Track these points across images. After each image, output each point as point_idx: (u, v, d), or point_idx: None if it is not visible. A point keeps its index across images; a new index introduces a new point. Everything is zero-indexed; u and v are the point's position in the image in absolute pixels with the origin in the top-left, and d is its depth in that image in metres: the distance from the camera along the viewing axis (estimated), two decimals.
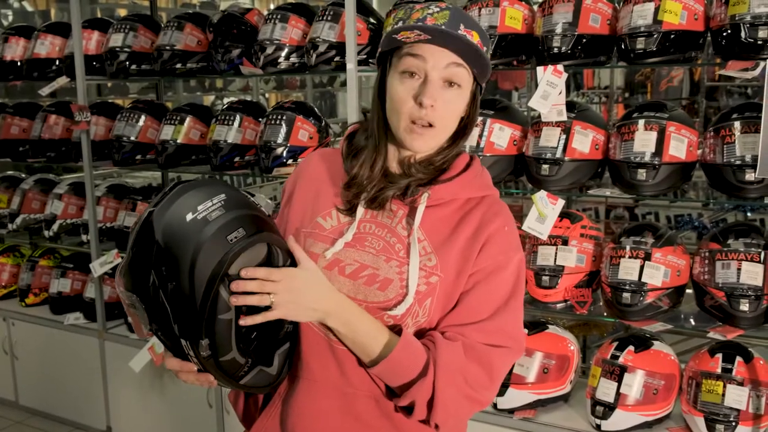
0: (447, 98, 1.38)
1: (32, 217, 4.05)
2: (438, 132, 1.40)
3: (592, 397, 2.49)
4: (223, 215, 1.25)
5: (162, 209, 1.26)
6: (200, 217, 1.24)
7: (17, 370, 4.12)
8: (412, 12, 1.38)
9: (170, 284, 1.23)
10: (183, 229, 1.23)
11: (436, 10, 1.37)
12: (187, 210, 1.25)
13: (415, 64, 1.37)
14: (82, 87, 3.62)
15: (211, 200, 1.27)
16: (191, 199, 1.26)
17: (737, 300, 2.28)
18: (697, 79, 8.26)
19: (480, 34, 1.38)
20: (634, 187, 2.42)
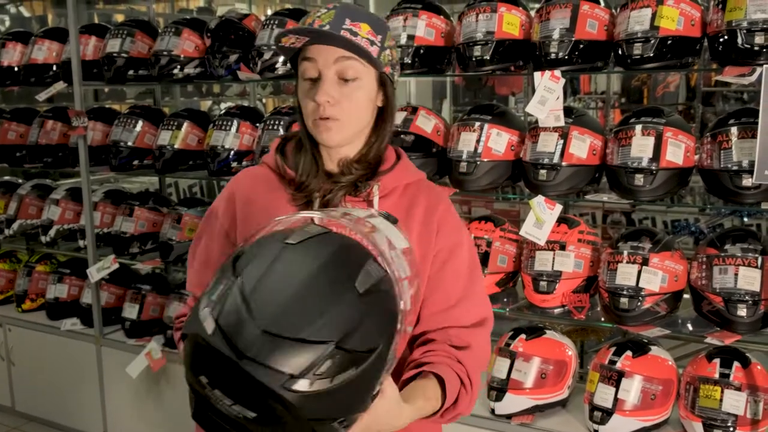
0: (345, 92, 1.44)
1: (29, 223, 4.04)
2: (345, 124, 1.46)
3: (590, 402, 2.49)
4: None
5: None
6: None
7: (14, 375, 4.10)
8: (306, 18, 1.46)
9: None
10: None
11: (324, 12, 1.44)
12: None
13: (309, 67, 1.45)
14: (79, 92, 3.62)
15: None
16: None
17: (735, 305, 2.28)
18: (693, 85, 8.28)
19: (371, 24, 1.45)
20: (631, 192, 2.43)
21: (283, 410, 0.99)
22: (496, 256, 2.74)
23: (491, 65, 2.65)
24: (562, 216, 2.64)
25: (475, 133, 2.68)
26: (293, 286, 1.03)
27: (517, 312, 2.79)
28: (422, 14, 2.76)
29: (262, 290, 1.02)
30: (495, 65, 2.65)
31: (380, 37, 1.45)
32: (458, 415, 1.47)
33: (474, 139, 2.68)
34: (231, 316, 1.00)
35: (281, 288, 1.03)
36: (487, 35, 2.61)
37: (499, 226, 2.81)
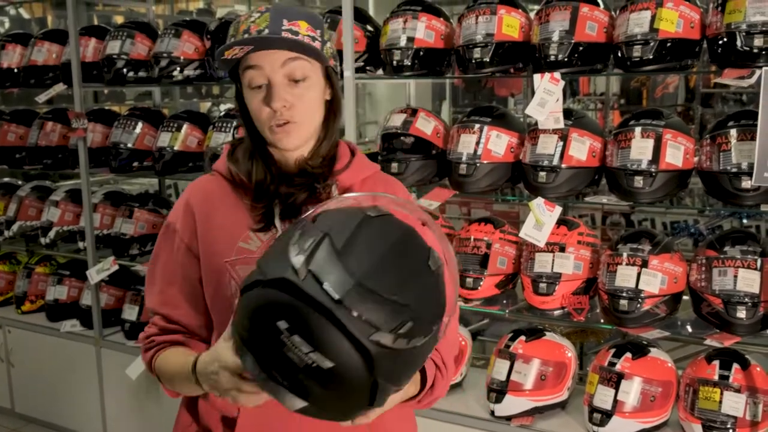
0: (298, 93, 1.43)
1: (29, 224, 4.04)
2: (302, 125, 1.46)
3: (589, 404, 2.49)
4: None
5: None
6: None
7: (13, 377, 4.10)
8: (238, 26, 1.43)
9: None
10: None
11: (257, 16, 1.42)
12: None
13: (255, 75, 1.42)
14: (79, 94, 3.62)
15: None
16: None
17: (734, 307, 2.29)
18: (692, 86, 8.29)
19: (309, 20, 1.43)
20: (631, 194, 2.43)
21: (359, 363, 1.03)
22: (496, 258, 2.75)
23: (491, 67, 2.65)
24: (562, 218, 2.64)
25: (474, 135, 2.69)
26: (383, 250, 1.09)
27: (516, 314, 2.79)
28: (422, 16, 2.77)
29: (353, 248, 1.07)
30: (494, 67, 2.65)
31: (319, 31, 1.44)
32: (436, 398, 1.52)
33: (474, 141, 2.68)
34: (325, 266, 1.04)
35: (372, 249, 1.08)
36: (487, 37, 2.61)
37: (499, 227, 2.81)
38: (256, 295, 1.08)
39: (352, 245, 1.07)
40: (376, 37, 2.94)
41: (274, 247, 1.15)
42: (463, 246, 2.79)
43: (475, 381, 2.90)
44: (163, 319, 1.55)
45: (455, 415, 2.74)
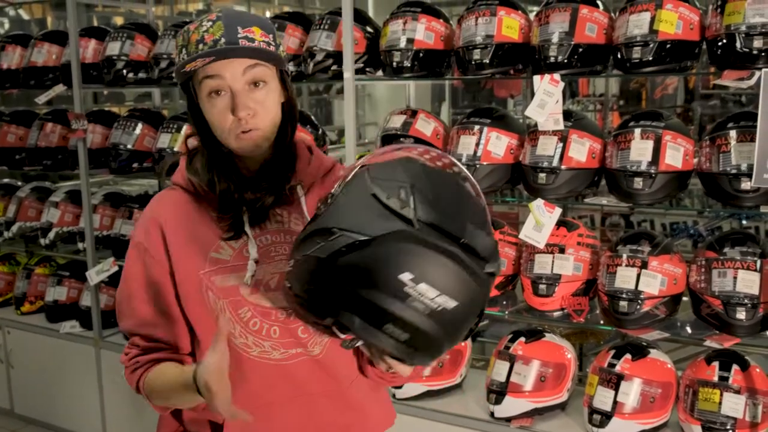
0: (258, 98, 1.43)
1: (28, 225, 4.04)
2: (266, 130, 1.46)
3: (589, 405, 2.49)
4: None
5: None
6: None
7: (13, 378, 4.10)
8: (189, 35, 1.42)
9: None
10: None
11: (209, 25, 1.41)
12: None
13: (215, 84, 1.42)
14: (79, 95, 3.62)
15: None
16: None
17: (734, 308, 2.29)
18: (691, 87, 8.30)
19: (260, 25, 1.43)
20: (630, 195, 2.43)
21: (479, 295, 1.13)
22: None
23: (491, 69, 2.65)
24: (562, 219, 2.64)
25: (474, 136, 2.69)
26: (458, 192, 1.17)
27: (516, 315, 2.80)
28: (422, 18, 2.77)
29: (440, 195, 1.13)
30: (494, 69, 2.65)
31: (271, 35, 1.44)
32: (410, 379, 1.63)
33: (473, 143, 2.68)
34: (431, 214, 1.10)
35: (452, 193, 1.16)
36: (487, 39, 2.61)
37: (499, 228, 2.82)
38: (367, 254, 1.08)
39: (437, 192, 1.13)
40: (376, 39, 2.94)
41: (343, 210, 1.15)
42: None
43: (475, 382, 2.91)
44: (143, 339, 1.53)
45: (455, 416, 2.75)
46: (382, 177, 1.14)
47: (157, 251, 1.52)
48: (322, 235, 1.13)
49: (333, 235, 1.11)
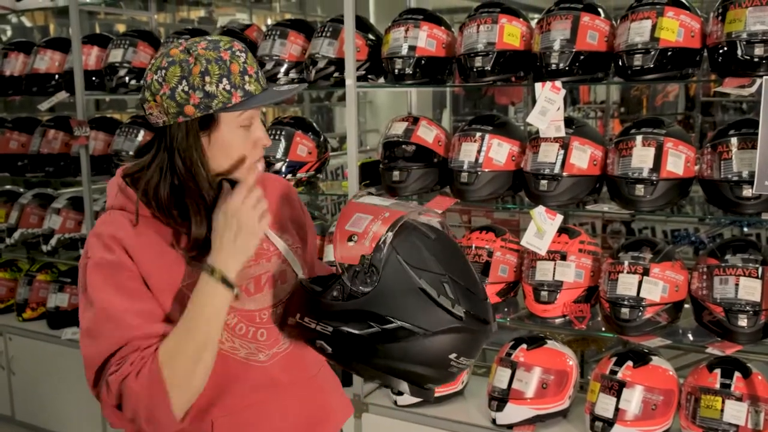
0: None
1: (30, 232, 4.04)
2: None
3: (591, 412, 2.49)
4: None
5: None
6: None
7: (14, 385, 4.10)
8: (228, 64, 1.42)
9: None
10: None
11: (243, 55, 1.46)
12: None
13: (253, 116, 1.49)
14: (82, 102, 3.63)
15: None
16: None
17: (735, 315, 2.29)
18: (692, 95, 8.31)
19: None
20: (632, 202, 2.43)
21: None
22: (497, 266, 2.75)
23: (492, 76, 2.66)
24: (563, 226, 2.65)
25: (476, 143, 2.69)
26: (472, 271, 1.47)
27: (517, 322, 2.80)
28: (423, 25, 2.78)
29: (469, 281, 1.42)
30: (496, 76, 2.66)
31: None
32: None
33: (475, 150, 2.69)
34: (468, 304, 1.39)
35: (471, 275, 1.46)
36: (488, 46, 2.62)
37: (500, 236, 2.82)
38: (423, 344, 1.35)
39: (464, 277, 1.40)
40: (378, 46, 2.95)
41: (392, 298, 1.35)
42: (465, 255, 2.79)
43: (477, 389, 2.90)
44: (141, 339, 1.40)
45: (456, 423, 2.74)
46: (417, 265, 1.36)
47: (127, 263, 1.44)
48: (375, 319, 1.34)
49: (390, 323, 1.33)
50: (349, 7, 2.78)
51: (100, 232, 1.47)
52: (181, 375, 1.37)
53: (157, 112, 1.43)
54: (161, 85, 1.41)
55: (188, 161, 1.44)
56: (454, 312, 1.35)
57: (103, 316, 1.40)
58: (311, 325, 1.40)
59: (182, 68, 1.40)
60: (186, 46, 1.43)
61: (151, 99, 1.43)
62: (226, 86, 1.41)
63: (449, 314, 1.35)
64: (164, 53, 1.44)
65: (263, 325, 1.55)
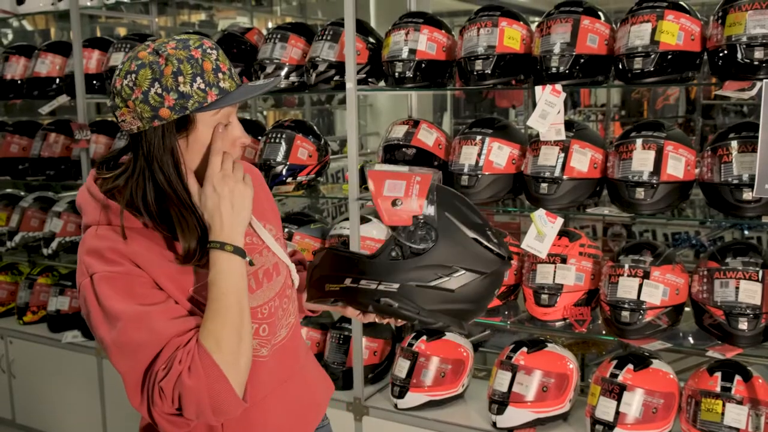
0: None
1: (31, 235, 4.05)
2: None
3: (591, 415, 2.48)
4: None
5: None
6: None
7: (15, 388, 4.10)
8: (200, 62, 1.38)
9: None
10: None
11: (215, 53, 1.41)
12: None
13: (230, 113, 1.47)
14: (82, 105, 3.64)
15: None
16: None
17: (736, 318, 2.29)
18: (693, 98, 8.31)
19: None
20: (632, 205, 2.44)
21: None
22: None
23: (492, 79, 2.66)
24: (564, 229, 2.65)
25: (476, 146, 2.69)
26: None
27: (518, 325, 2.80)
28: (424, 28, 2.78)
29: (491, 226, 1.57)
30: (496, 79, 2.66)
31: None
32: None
33: (475, 153, 2.69)
34: (502, 249, 1.55)
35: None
36: (489, 49, 2.62)
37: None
38: (483, 283, 1.52)
39: (489, 225, 1.55)
40: (378, 49, 2.95)
41: (454, 250, 1.49)
42: None
43: (477, 392, 2.90)
44: (178, 337, 1.38)
45: (457, 426, 2.74)
46: (462, 219, 1.51)
47: (136, 271, 1.41)
48: (441, 270, 1.48)
49: (457, 271, 1.48)
50: (350, 11, 2.79)
51: (95, 247, 1.41)
52: (230, 354, 1.36)
53: (131, 118, 1.39)
54: (132, 89, 1.36)
55: (167, 166, 1.41)
56: (501, 254, 1.53)
57: (132, 327, 1.35)
58: (371, 285, 1.47)
59: (153, 70, 1.36)
60: (154, 47, 1.39)
61: (123, 105, 1.38)
62: (201, 85, 1.38)
63: (498, 257, 1.53)
64: (132, 56, 1.39)
65: (265, 320, 1.55)
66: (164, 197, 1.43)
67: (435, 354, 2.82)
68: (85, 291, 1.40)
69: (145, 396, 1.35)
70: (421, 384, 2.80)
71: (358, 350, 2.96)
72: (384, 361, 3.10)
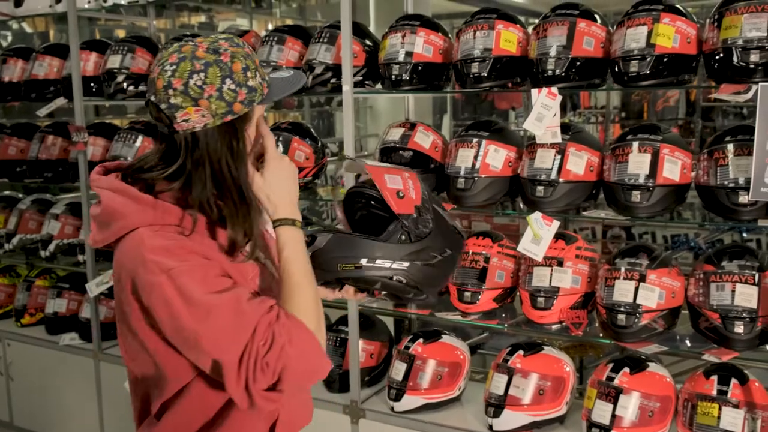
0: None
1: (29, 237, 4.05)
2: None
3: (587, 419, 2.48)
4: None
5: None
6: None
7: (12, 390, 4.10)
8: (253, 58, 1.50)
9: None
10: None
11: (248, 48, 1.52)
12: None
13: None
14: (80, 108, 3.63)
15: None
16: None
17: (732, 322, 2.28)
18: (693, 100, 8.31)
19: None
20: (628, 208, 2.43)
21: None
22: (494, 272, 2.75)
23: (489, 82, 2.66)
24: (560, 232, 2.64)
25: (472, 149, 2.69)
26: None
27: (515, 328, 2.79)
28: (420, 31, 2.78)
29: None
30: (492, 82, 2.66)
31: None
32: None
33: (472, 155, 2.69)
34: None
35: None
36: (485, 52, 2.62)
37: (497, 241, 2.82)
38: (456, 257, 1.82)
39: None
40: (375, 52, 2.95)
41: (443, 236, 1.75)
42: (462, 260, 2.79)
43: (474, 395, 2.90)
44: (267, 315, 1.43)
45: (453, 429, 2.74)
46: (441, 209, 1.78)
47: (208, 262, 1.45)
48: (437, 252, 1.73)
49: (447, 252, 1.75)
50: (346, 13, 2.79)
51: (162, 245, 1.43)
52: (316, 322, 1.48)
53: (198, 117, 1.43)
54: (202, 88, 1.41)
55: (232, 159, 1.47)
56: (462, 236, 1.85)
57: (223, 313, 1.39)
58: (385, 264, 1.67)
59: (221, 68, 1.42)
60: (209, 46, 1.45)
61: (190, 105, 1.42)
62: (259, 79, 1.48)
63: (461, 238, 1.84)
64: (187, 56, 1.43)
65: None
66: (222, 191, 1.48)
67: (431, 357, 2.81)
68: (163, 289, 1.40)
69: (243, 375, 1.38)
70: (417, 387, 2.80)
71: (354, 353, 2.96)
72: (381, 364, 3.09)
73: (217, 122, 1.44)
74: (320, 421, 3.03)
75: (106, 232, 1.49)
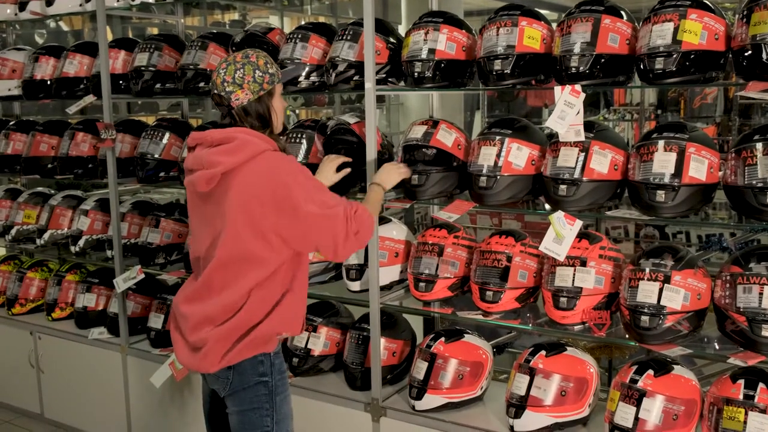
0: None
1: (59, 233, 4.10)
2: None
3: (610, 421, 2.44)
4: None
5: None
6: None
7: (43, 383, 4.17)
8: (269, 58, 2.39)
9: None
10: None
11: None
12: None
13: (281, 88, 2.44)
14: (108, 105, 3.67)
15: None
16: None
17: (759, 325, 2.22)
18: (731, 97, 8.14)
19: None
20: (652, 208, 2.38)
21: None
22: (516, 271, 2.72)
23: (512, 79, 2.63)
24: (584, 231, 2.60)
25: (495, 147, 2.66)
26: None
27: (538, 328, 2.76)
28: (443, 28, 2.76)
29: None
30: (515, 79, 2.63)
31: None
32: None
33: (494, 154, 2.66)
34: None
35: None
36: (508, 49, 2.59)
37: (520, 240, 2.78)
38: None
39: None
40: (399, 49, 2.93)
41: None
42: (484, 259, 2.76)
43: (496, 395, 2.88)
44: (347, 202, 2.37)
45: (474, 429, 2.72)
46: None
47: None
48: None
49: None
50: (369, 10, 2.78)
51: (287, 157, 2.33)
52: (375, 214, 2.59)
53: (243, 95, 2.30)
54: (243, 78, 2.28)
55: (269, 112, 2.38)
56: None
57: (328, 196, 2.33)
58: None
59: (251, 65, 2.31)
60: (242, 56, 2.32)
61: (238, 89, 2.29)
62: (274, 69, 2.37)
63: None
64: (231, 63, 2.30)
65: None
66: (264, 128, 2.39)
67: (453, 356, 2.80)
68: (291, 178, 2.25)
69: (346, 229, 2.29)
70: (438, 386, 2.78)
71: (376, 351, 2.95)
72: (403, 362, 3.08)
73: (255, 96, 2.32)
74: (341, 419, 3.05)
75: (239, 155, 2.22)
